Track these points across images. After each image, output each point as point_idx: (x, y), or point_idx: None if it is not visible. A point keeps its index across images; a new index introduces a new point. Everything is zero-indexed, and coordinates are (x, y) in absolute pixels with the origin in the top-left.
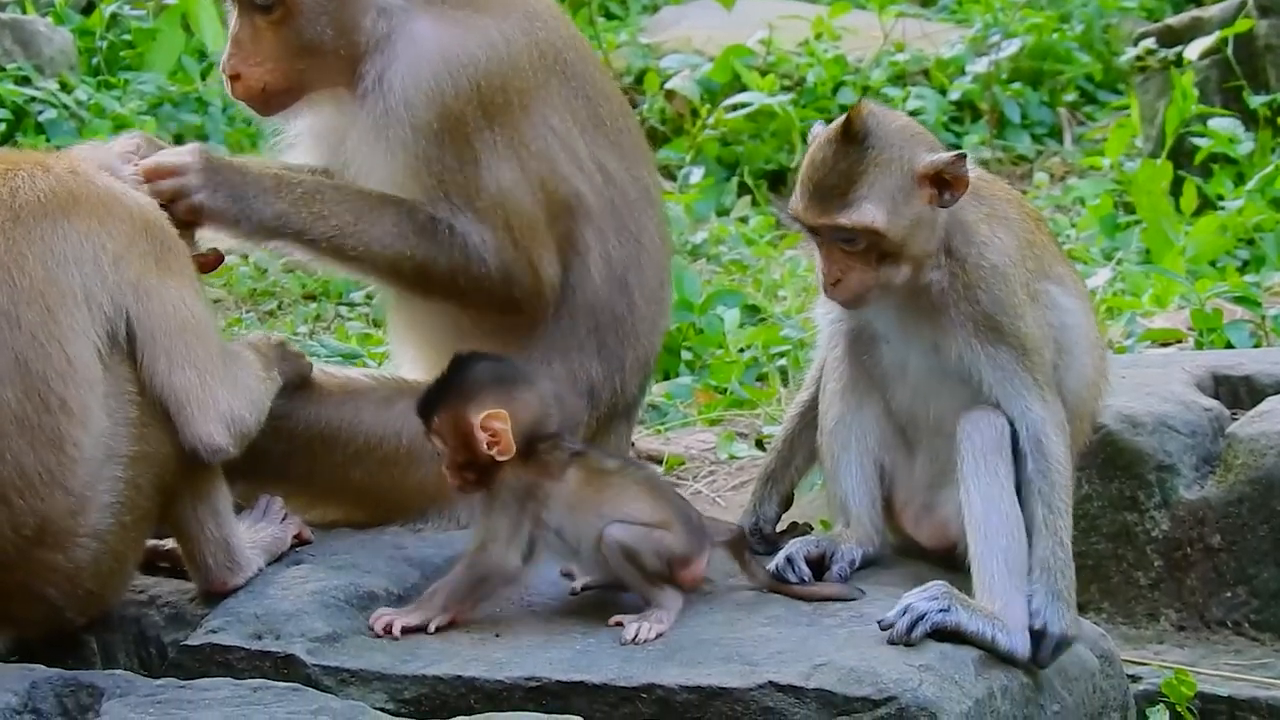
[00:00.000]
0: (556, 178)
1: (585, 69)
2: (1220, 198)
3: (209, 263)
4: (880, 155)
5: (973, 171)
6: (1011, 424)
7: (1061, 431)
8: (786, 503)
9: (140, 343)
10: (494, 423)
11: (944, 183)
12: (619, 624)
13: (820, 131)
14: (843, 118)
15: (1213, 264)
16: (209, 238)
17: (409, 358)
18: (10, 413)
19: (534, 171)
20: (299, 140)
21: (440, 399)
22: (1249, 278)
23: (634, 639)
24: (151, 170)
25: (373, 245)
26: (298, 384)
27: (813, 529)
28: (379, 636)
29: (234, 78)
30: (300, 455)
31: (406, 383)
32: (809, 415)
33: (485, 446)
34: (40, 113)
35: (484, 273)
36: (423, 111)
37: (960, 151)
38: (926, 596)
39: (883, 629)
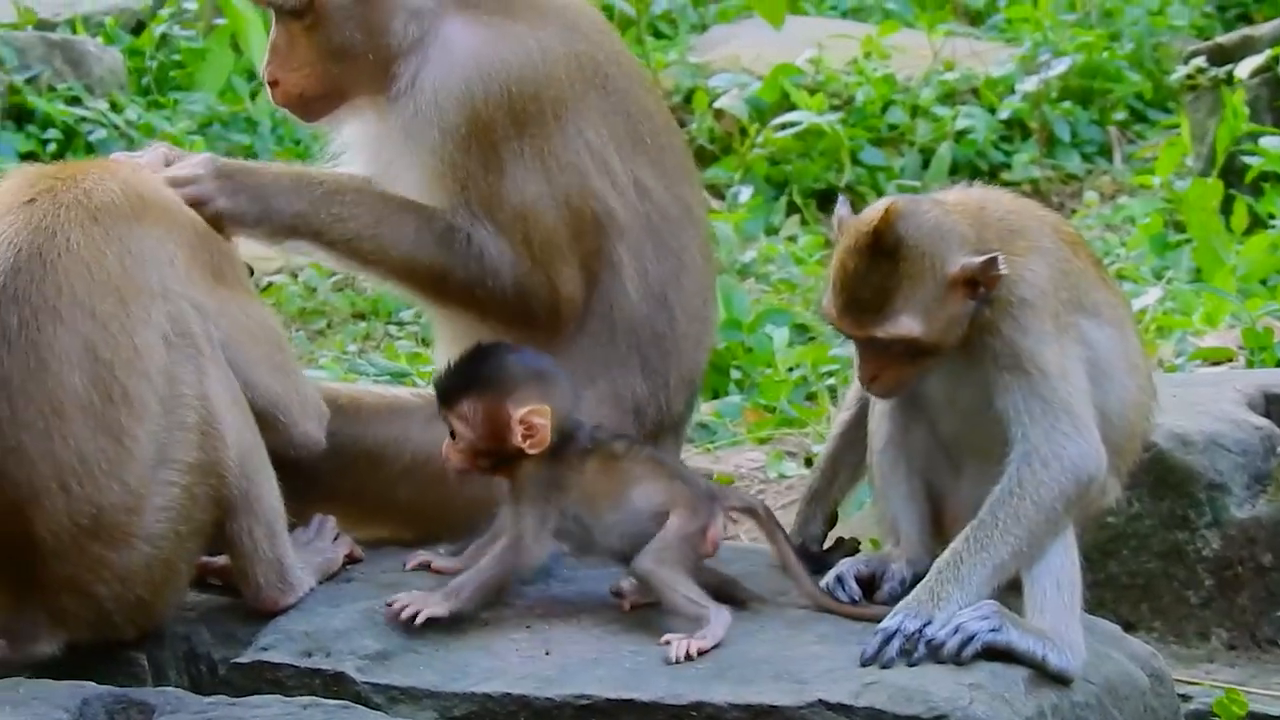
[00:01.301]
0: (586, 193)
1: (627, 85)
2: (1271, 216)
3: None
4: (912, 266)
5: (1004, 205)
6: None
7: (1054, 464)
8: (831, 521)
9: (228, 356)
10: (535, 418)
11: (977, 282)
12: (668, 643)
13: (847, 217)
14: (873, 225)
15: (1263, 283)
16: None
17: None
18: (76, 399)
19: (561, 186)
20: (346, 150)
21: (472, 386)
22: None
23: (681, 656)
24: (169, 179)
25: (390, 250)
26: None
27: (860, 544)
28: (397, 620)
29: (273, 84)
30: (348, 474)
31: None
32: (851, 434)
33: (519, 439)
34: (90, 133)
35: (499, 286)
36: (452, 115)
37: (992, 255)
38: (977, 616)
39: (932, 648)
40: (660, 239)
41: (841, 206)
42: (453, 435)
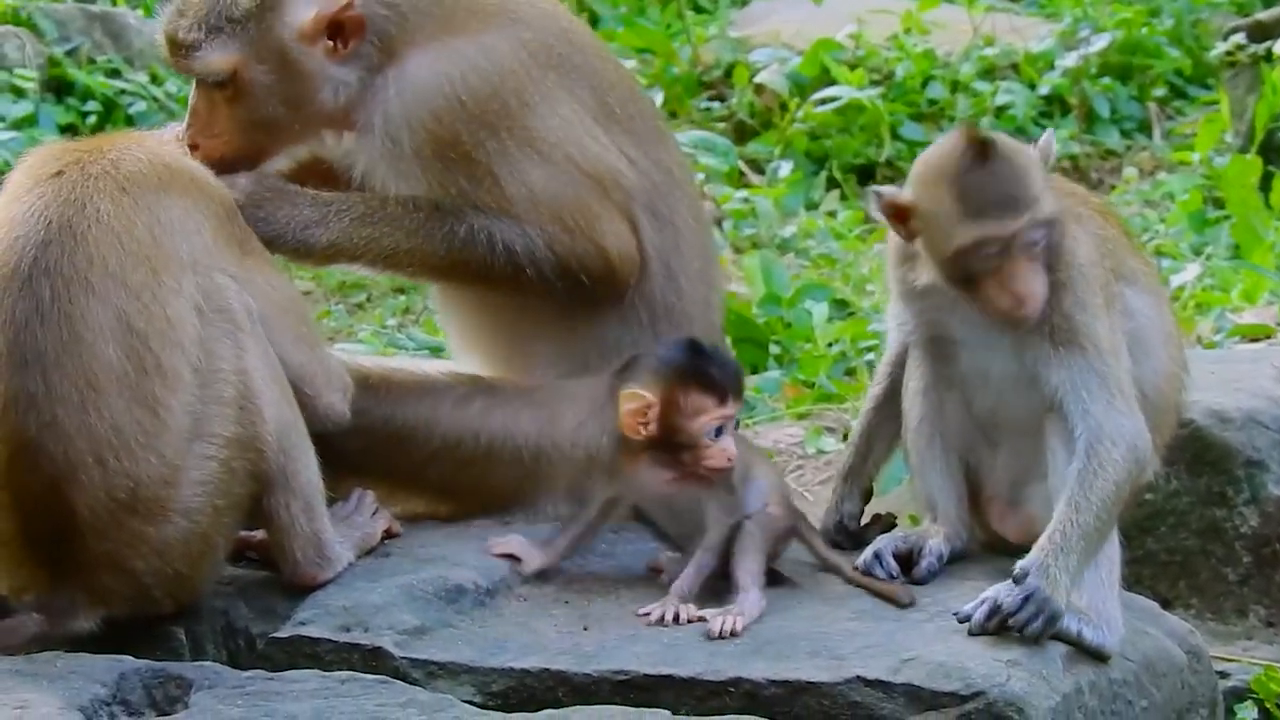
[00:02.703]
0: (589, 155)
1: (585, 60)
2: None
3: None
4: (1018, 154)
5: None
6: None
7: (1122, 443)
8: (867, 496)
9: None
10: None
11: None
12: (700, 619)
13: (888, 193)
14: (965, 143)
15: None
16: None
17: (475, 359)
18: (111, 371)
19: (562, 158)
20: None
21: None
22: None
23: (726, 631)
24: None
25: (429, 260)
26: None
27: (896, 520)
28: (660, 624)
29: (193, 147)
30: (378, 453)
31: (482, 380)
32: (884, 409)
33: None
34: (130, 105)
35: (540, 271)
36: (408, 144)
37: (1050, 131)
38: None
39: (960, 621)
40: (654, 208)
41: (876, 191)
42: (736, 425)
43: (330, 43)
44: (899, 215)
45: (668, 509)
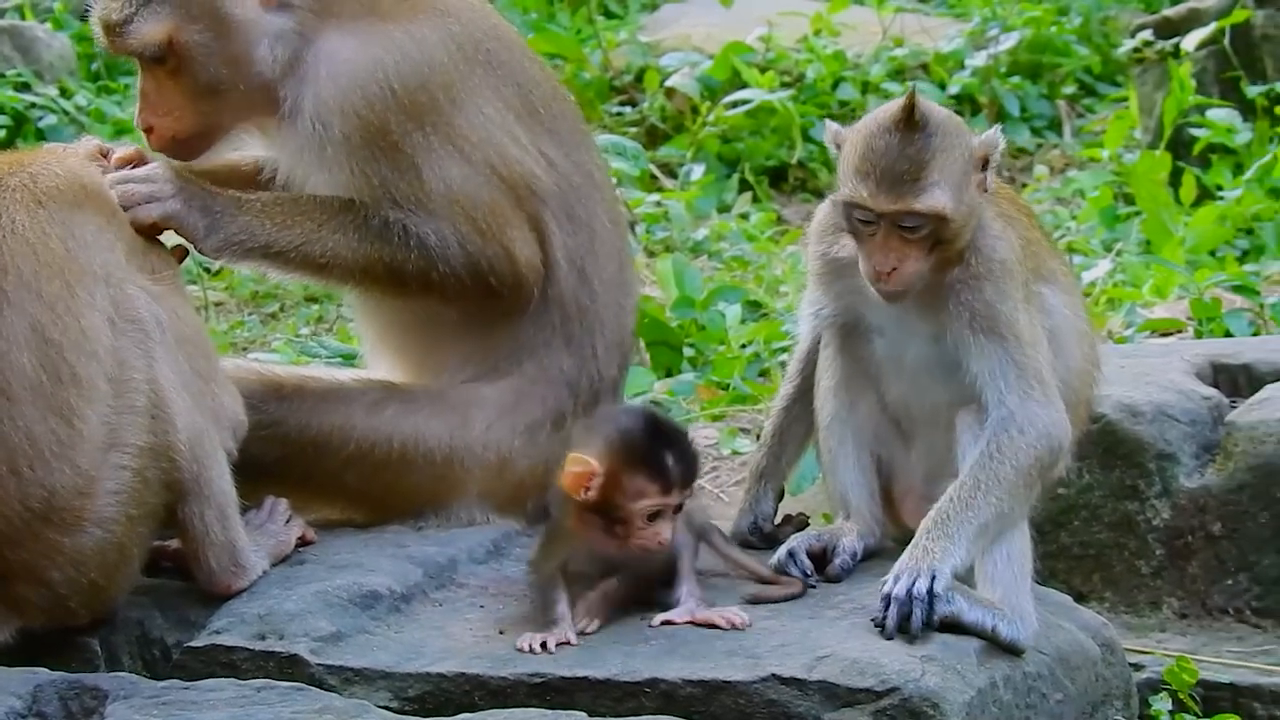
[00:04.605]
0: (508, 160)
1: (511, 57)
2: (1219, 188)
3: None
4: (944, 141)
5: None
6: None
7: (1031, 430)
8: (780, 496)
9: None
10: None
11: (985, 165)
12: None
13: (835, 127)
14: (900, 106)
15: (1212, 254)
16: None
17: (387, 362)
18: (26, 380)
19: (481, 160)
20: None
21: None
22: (1248, 267)
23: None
24: (123, 176)
25: (340, 250)
26: None
27: (809, 520)
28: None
29: (148, 131)
30: (294, 461)
31: (394, 386)
32: (794, 408)
33: None
34: (40, 119)
35: (452, 270)
36: (338, 129)
37: (996, 128)
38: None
39: (876, 626)
40: (570, 210)
41: (831, 124)
42: (678, 509)
43: None
44: (837, 143)
45: (622, 564)
